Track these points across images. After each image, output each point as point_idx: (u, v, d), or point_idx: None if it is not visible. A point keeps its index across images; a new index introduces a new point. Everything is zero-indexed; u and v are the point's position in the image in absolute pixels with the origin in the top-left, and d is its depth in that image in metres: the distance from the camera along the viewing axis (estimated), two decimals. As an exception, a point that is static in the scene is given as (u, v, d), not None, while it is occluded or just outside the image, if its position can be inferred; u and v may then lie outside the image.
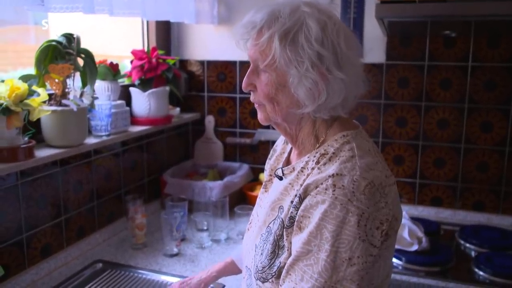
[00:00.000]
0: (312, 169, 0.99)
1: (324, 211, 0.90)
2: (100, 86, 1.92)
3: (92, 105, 1.72)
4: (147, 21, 2.38)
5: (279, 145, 1.24)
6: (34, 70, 1.59)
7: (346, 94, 0.99)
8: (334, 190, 0.90)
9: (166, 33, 2.47)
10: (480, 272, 1.67)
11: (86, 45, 1.71)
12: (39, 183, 1.59)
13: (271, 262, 1.02)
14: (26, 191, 1.54)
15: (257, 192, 2.29)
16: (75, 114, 1.62)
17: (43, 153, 1.54)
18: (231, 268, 1.37)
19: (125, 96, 2.11)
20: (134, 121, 2.10)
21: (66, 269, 1.67)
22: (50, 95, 1.59)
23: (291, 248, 0.97)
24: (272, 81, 1.00)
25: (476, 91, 2.10)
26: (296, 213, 0.97)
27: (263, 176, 2.41)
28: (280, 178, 1.10)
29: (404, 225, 1.82)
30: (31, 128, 1.54)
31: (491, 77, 2.07)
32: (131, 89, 2.13)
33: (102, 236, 1.89)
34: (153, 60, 2.13)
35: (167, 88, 2.21)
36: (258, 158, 2.48)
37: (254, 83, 1.04)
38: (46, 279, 1.60)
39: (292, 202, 0.99)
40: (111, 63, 1.95)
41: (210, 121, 2.53)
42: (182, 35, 2.51)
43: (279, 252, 1.01)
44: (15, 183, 1.50)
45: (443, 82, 2.13)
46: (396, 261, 1.72)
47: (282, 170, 1.09)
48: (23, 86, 1.43)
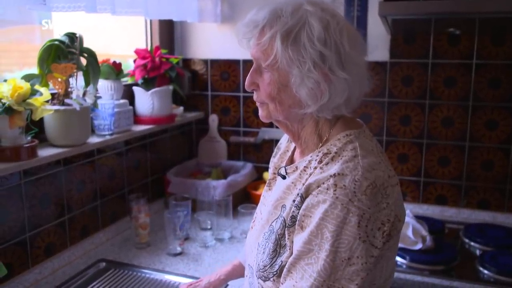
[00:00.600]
0: (315, 168, 0.98)
1: (325, 211, 0.90)
2: (103, 85, 1.91)
3: (95, 105, 1.72)
4: (150, 20, 2.38)
5: (283, 143, 1.23)
6: (37, 70, 1.60)
7: (350, 94, 0.98)
8: (335, 190, 0.90)
9: (169, 32, 2.47)
10: (485, 271, 1.65)
11: (89, 44, 1.72)
12: (42, 183, 1.59)
13: (273, 261, 1.02)
14: (29, 190, 1.54)
15: (260, 191, 2.29)
16: (78, 114, 1.62)
17: (46, 152, 1.54)
18: (239, 270, 1.36)
19: (128, 95, 2.11)
20: (137, 120, 2.10)
21: (69, 269, 1.67)
22: (53, 94, 1.59)
23: (292, 247, 0.97)
24: (274, 81, 0.99)
25: (481, 89, 2.08)
26: (298, 212, 0.96)
27: (267, 175, 2.41)
28: (283, 177, 1.09)
29: (408, 223, 1.81)
30: (34, 127, 1.54)
31: (496, 74, 2.05)
32: (134, 88, 2.13)
33: (105, 235, 1.90)
34: (156, 59, 2.13)
35: (170, 87, 2.21)
36: (262, 157, 2.48)
37: (257, 82, 1.04)
38: (49, 278, 1.61)
39: (294, 201, 0.99)
40: (114, 62, 1.95)
41: (213, 120, 2.52)
42: (186, 34, 2.51)
43: (280, 251, 1.01)
44: (18, 183, 1.50)
45: (447, 80, 2.12)
46: (400, 259, 1.71)
47: (285, 169, 1.09)
48: (25, 86, 1.43)
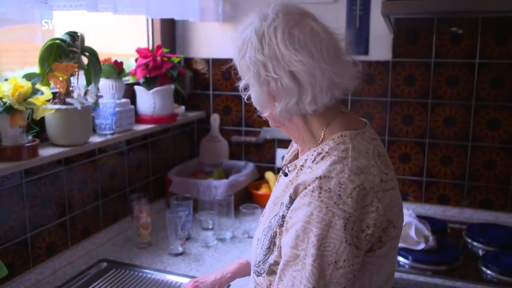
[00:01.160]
0: (309, 167, 0.99)
1: (310, 214, 0.89)
2: (105, 84, 1.91)
3: (96, 104, 1.71)
4: (151, 19, 2.37)
5: None
6: (38, 69, 1.59)
7: (312, 90, 0.96)
8: (320, 193, 0.89)
9: (170, 31, 2.47)
10: (488, 271, 1.65)
11: (90, 43, 1.71)
12: (43, 182, 1.59)
13: (265, 258, 1.03)
14: (30, 190, 1.54)
15: (262, 191, 2.30)
16: (79, 113, 1.61)
17: (47, 152, 1.54)
18: (246, 269, 1.36)
19: (129, 94, 2.10)
20: (139, 119, 2.09)
21: (70, 269, 1.67)
22: (54, 93, 1.59)
23: (281, 247, 0.97)
24: (252, 95, 1.06)
25: (483, 88, 2.08)
26: (286, 213, 0.96)
27: (268, 175, 2.41)
28: (286, 174, 1.10)
29: (411, 223, 1.81)
30: (35, 126, 1.54)
31: (499, 74, 2.05)
32: (135, 87, 2.13)
33: (106, 235, 1.89)
34: (158, 58, 2.12)
35: (172, 86, 2.20)
36: (264, 157, 2.47)
37: None
38: (50, 278, 1.60)
39: (285, 201, 0.99)
40: (116, 61, 1.94)
41: (215, 119, 2.52)
42: (187, 33, 2.50)
43: (273, 248, 1.01)
44: (19, 182, 1.50)
45: (450, 80, 2.11)
46: (403, 259, 1.71)
47: (287, 166, 1.10)
48: (26, 85, 1.43)
